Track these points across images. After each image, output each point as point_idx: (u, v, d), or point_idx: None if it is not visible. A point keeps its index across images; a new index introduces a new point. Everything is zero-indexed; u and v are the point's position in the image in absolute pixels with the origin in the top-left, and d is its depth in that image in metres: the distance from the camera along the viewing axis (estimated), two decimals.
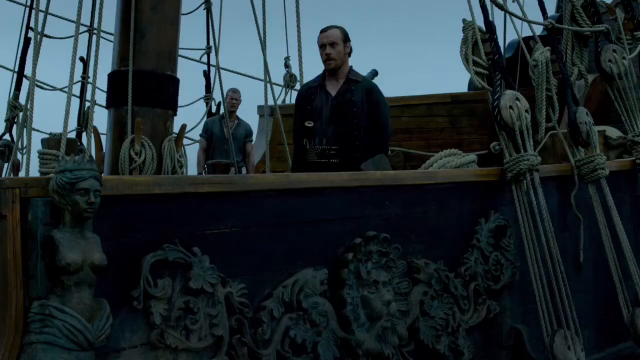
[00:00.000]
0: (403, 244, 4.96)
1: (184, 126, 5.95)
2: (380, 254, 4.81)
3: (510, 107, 5.66)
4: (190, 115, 10.36)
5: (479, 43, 5.89)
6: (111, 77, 5.62)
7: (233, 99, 10.79)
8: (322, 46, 6.26)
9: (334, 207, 4.72)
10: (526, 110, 5.74)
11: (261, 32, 7.00)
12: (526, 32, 7.09)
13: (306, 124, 6.27)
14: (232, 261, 4.15)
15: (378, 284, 4.76)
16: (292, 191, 4.51)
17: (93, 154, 5.87)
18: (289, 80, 11.16)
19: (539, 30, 7.05)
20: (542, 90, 6.27)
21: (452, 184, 5.47)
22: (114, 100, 5.56)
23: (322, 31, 6.31)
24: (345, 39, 6.29)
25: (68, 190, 3.46)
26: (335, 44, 6.23)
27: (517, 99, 5.73)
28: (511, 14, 6.34)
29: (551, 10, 9.54)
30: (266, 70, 6.96)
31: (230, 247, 4.18)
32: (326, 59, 6.25)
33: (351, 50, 6.36)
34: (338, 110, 6.23)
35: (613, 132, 7.67)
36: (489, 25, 5.94)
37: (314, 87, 6.36)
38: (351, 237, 4.71)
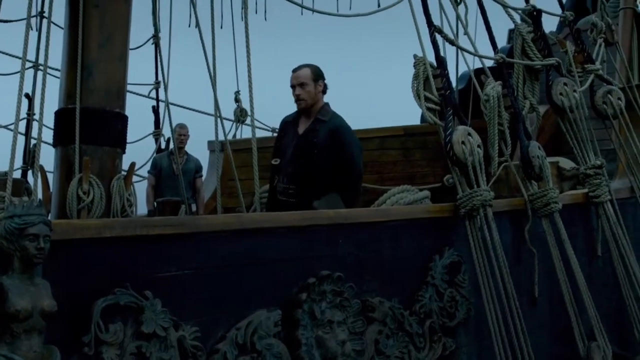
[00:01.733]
0: (357, 282, 5.00)
1: (133, 164, 5.97)
2: (335, 293, 4.85)
3: (463, 142, 5.78)
4: (139, 151, 10.36)
5: (430, 78, 6.01)
6: (58, 114, 5.62)
7: (181, 134, 10.78)
8: (292, 87, 6.48)
9: (286, 247, 4.76)
10: (478, 146, 5.86)
11: (211, 66, 7.05)
12: (478, 64, 7.25)
13: (272, 161, 6.60)
14: (185, 304, 4.17)
15: (332, 324, 4.79)
16: (245, 231, 4.55)
17: (40, 193, 5.86)
18: (240, 115, 11.25)
19: (490, 62, 7.19)
20: (494, 125, 6.39)
21: (406, 221, 5.54)
22: (61, 138, 5.55)
23: (293, 71, 6.52)
24: (317, 77, 6.47)
25: (17, 236, 3.48)
26: (304, 85, 6.45)
27: (469, 134, 5.84)
28: (462, 49, 6.48)
29: (502, 39, 9.74)
30: (216, 105, 7.00)
31: (182, 290, 4.20)
32: (296, 99, 6.49)
33: (325, 87, 6.55)
34: (299, 151, 6.45)
35: (566, 163, 7.82)
36: (440, 60, 6.07)
37: (288, 122, 6.65)
38: (305, 277, 4.75)
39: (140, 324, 3.93)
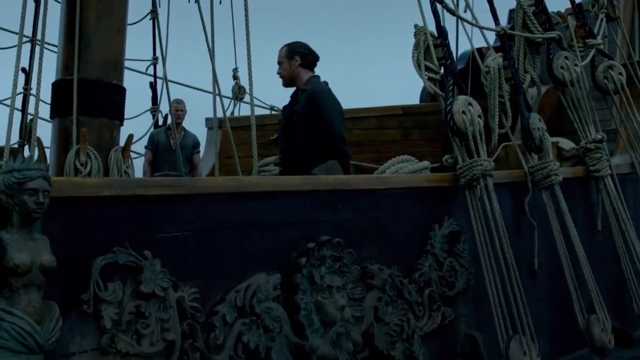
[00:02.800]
0: (357, 249, 5.02)
1: (130, 136, 5.96)
2: (334, 258, 4.88)
3: (463, 112, 5.79)
4: (136, 127, 10.36)
5: (431, 48, 6.01)
6: (55, 86, 5.62)
7: (178, 110, 10.75)
8: None
9: (286, 211, 4.77)
10: (479, 116, 5.87)
11: (209, 42, 7.05)
12: (478, 43, 7.26)
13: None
14: (184, 265, 4.18)
15: (332, 289, 4.82)
16: (243, 194, 4.57)
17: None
18: (238, 92, 11.25)
19: (491, 39, 7.19)
20: (494, 97, 6.40)
21: (406, 189, 5.56)
22: (59, 110, 5.55)
23: None
24: (291, 54, 6.81)
25: (16, 190, 3.48)
26: (280, 63, 6.88)
27: (470, 104, 5.86)
28: (463, 19, 6.48)
29: (503, 17, 9.74)
30: (215, 82, 7.01)
31: (182, 251, 4.21)
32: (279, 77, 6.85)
33: (305, 60, 6.83)
34: (285, 122, 6.84)
35: (566, 144, 7.82)
36: (441, 30, 6.07)
37: (289, 101, 6.95)
38: (304, 242, 4.77)
39: (139, 283, 3.94)
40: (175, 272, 4.09)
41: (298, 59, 6.79)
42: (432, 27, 6.09)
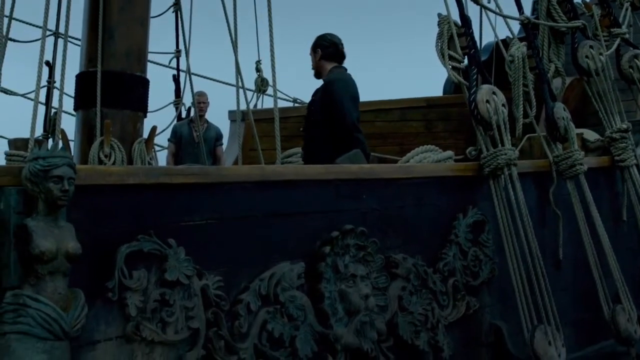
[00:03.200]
0: (380, 238, 5.02)
1: (154, 128, 5.99)
2: (358, 247, 4.88)
3: (487, 101, 5.77)
4: (159, 120, 10.37)
5: (454, 38, 5.99)
6: (79, 78, 5.66)
7: (200, 102, 10.73)
8: None
9: (310, 200, 4.78)
10: (503, 105, 5.86)
11: (232, 35, 7.05)
12: (502, 33, 7.24)
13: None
14: (208, 253, 4.20)
15: (356, 278, 4.82)
16: (268, 183, 4.58)
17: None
18: (261, 85, 11.26)
19: (515, 29, 7.16)
20: (518, 86, 6.38)
21: (430, 179, 5.55)
22: (82, 101, 5.60)
23: None
24: (314, 47, 6.97)
25: (41, 177, 3.50)
26: (310, 56, 7.01)
27: (494, 93, 5.84)
28: (487, 8, 6.47)
29: (527, 8, 9.69)
30: (238, 74, 7.01)
31: (206, 239, 4.23)
32: None
33: (323, 53, 6.94)
34: (307, 113, 7.03)
35: (591, 135, 7.80)
36: (465, 19, 6.06)
37: None
38: (328, 231, 4.77)
39: (163, 271, 3.96)
40: (200, 261, 4.11)
41: (319, 51, 6.92)
42: (455, 16, 6.08)
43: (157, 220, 4.02)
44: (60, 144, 5.42)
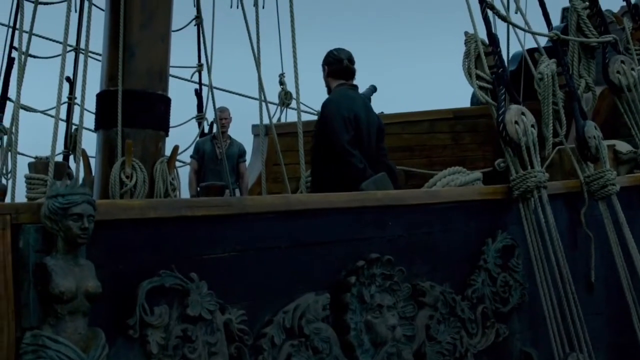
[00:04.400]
0: (407, 266, 4.99)
1: (176, 147, 5.98)
2: (384, 276, 4.85)
3: (516, 122, 5.72)
4: (181, 136, 10.37)
5: (482, 56, 5.95)
6: (100, 97, 5.65)
7: (222, 118, 10.71)
8: None
9: (334, 229, 4.75)
10: (532, 126, 5.80)
11: (255, 48, 7.04)
12: (530, 44, 7.18)
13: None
14: (231, 287, 4.18)
15: (382, 308, 4.79)
16: (291, 213, 4.55)
17: (82, 177, 5.90)
18: (284, 98, 11.23)
19: (543, 41, 7.11)
20: (548, 104, 6.32)
21: (457, 203, 5.51)
22: (103, 121, 5.59)
23: None
24: (323, 65, 6.71)
25: (60, 215, 3.50)
26: None
27: (523, 113, 5.79)
28: (514, 25, 6.42)
29: (556, 20, 9.63)
30: (261, 88, 7.00)
31: (229, 272, 4.21)
32: None
33: (329, 70, 6.68)
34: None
35: (623, 147, 7.71)
36: (492, 37, 6.02)
37: None
38: (353, 260, 4.75)
39: (185, 306, 3.95)
40: (222, 294, 4.09)
41: (326, 68, 6.68)
42: (482, 34, 6.03)
43: (178, 254, 4.01)
44: (81, 171, 5.40)
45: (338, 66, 6.60)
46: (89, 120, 5.93)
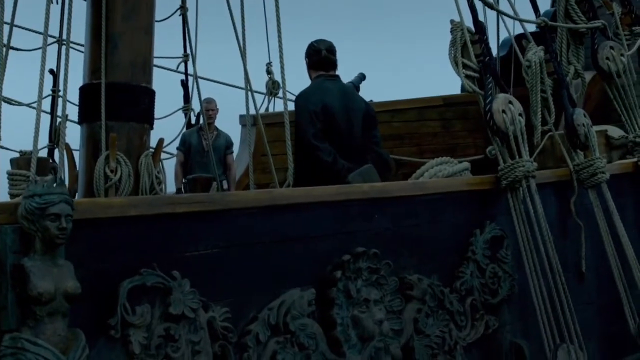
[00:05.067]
0: (394, 259, 4.97)
1: (161, 140, 5.94)
2: (371, 270, 4.83)
3: (503, 111, 5.70)
4: (168, 127, 10.32)
5: (468, 45, 5.91)
6: (83, 90, 5.61)
7: (208, 109, 10.63)
8: None
9: (319, 223, 4.73)
10: (520, 114, 5.78)
11: (240, 37, 6.99)
12: (519, 29, 7.14)
13: None
14: (214, 284, 4.16)
15: (369, 303, 4.77)
16: (275, 208, 4.53)
17: (66, 172, 5.86)
18: (272, 88, 11.17)
19: (532, 27, 7.08)
20: (536, 92, 6.30)
21: (444, 194, 5.49)
22: (87, 115, 5.54)
23: None
24: (305, 57, 6.71)
25: (38, 215, 3.46)
26: None
27: (510, 102, 5.77)
28: (502, 12, 6.38)
29: (545, 5, 9.59)
30: (246, 78, 6.95)
31: (212, 269, 4.19)
32: None
33: (309, 62, 6.67)
34: None
35: (615, 132, 7.70)
36: (479, 25, 5.98)
37: None
38: (339, 254, 4.73)
39: (168, 305, 3.92)
40: (206, 292, 4.07)
41: (307, 61, 6.67)
42: (469, 22, 5.98)
43: (160, 252, 3.99)
44: (58, 179, 5.35)
45: (317, 57, 6.55)
46: (74, 113, 5.89)
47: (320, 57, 6.54)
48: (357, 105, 6.55)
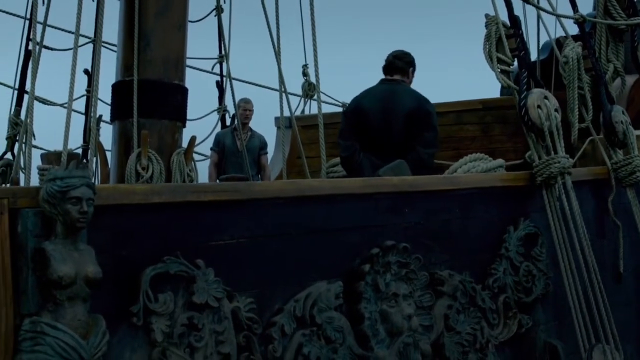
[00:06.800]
0: (424, 254, 4.93)
1: (193, 138, 5.95)
2: (400, 264, 4.78)
3: (539, 106, 5.64)
4: (203, 128, 10.35)
5: (503, 39, 5.86)
6: (115, 87, 5.64)
7: (246, 109, 10.72)
8: None
9: (348, 215, 4.69)
10: (556, 110, 5.72)
11: (275, 38, 6.99)
12: (561, 32, 7.07)
13: None
14: (239, 274, 4.13)
15: (398, 297, 4.72)
16: (303, 199, 4.50)
17: (98, 170, 5.89)
18: (308, 90, 11.18)
19: (574, 30, 7.01)
20: (573, 89, 6.25)
21: (477, 190, 5.44)
22: (119, 112, 5.58)
23: None
24: None
25: (59, 199, 3.46)
26: None
27: (546, 97, 5.71)
28: (537, 7, 6.33)
29: (588, 8, 9.50)
30: (281, 79, 6.95)
31: (237, 259, 4.16)
32: None
33: None
34: None
35: None
36: (514, 19, 5.93)
37: None
38: (367, 248, 4.68)
39: (191, 294, 3.90)
40: (230, 282, 4.04)
41: None
42: (504, 16, 5.94)
43: (184, 241, 3.97)
44: (81, 164, 5.37)
45: (384, 63, 6.99)
46: (108, 114, 5.92)
47: (386, 62, 6.98)
48: (399, 107, 6.71)
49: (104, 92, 5.66)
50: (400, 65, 6.92)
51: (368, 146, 6.58)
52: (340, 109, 11.60)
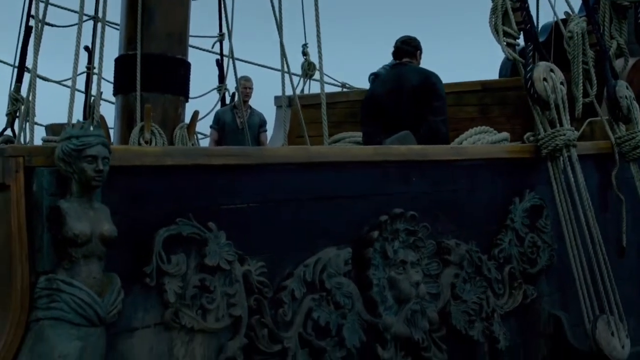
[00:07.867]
0: (432, 223, 4.96)
1: (196, 113, 5.96)
2: (408, 232, 4.81)
3: (544, 79, 5.67)
4: (202, 107, 10.30)
5: (509, 12, 5.88)
6: (118, 61, 5.64)
7: (246, 87, 10.72)
8: None
9: (357, 183, 4.72)
10: (561, 83, 5.75)
11: (277, 17, 6.99)
12: (561, 13, 7.09)
13: None
14: (250, 238, 4.15)
15: (406, 265, 4.75)
16: (312, 165, 4.52)
17: None
18: (307, 69, 11.18)
19: (576, 6, 7.03)
20: (578, 63, 6.28)
21: (484, 161, 5.47)
22: (122, 86, 5.58)
23: None
24: None
25: (74, 157, 3.47)
26: None
27: (552, 70, 5.74)
28: None
29: None
30: (283, 58, 6.94)
31: (248, 223, 4.18)
32: None
33: None
34: None
35: None
36: None
37: None
38: (376, 215, 4.71)
39: (203, 256, 3.92)
40: (241, 245, 4.06)
41: None
42: None
43: (196, 203, 3.98)
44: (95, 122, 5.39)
45: (393, 49, 7.35)
46: (108, 92, 5.92)
47: (394, 48, 7.33)
48: (406, 85, 6.91)
49: (105, 69, 5.65)
50: (407, 49, 7.24)
51: (385, 129, 6.66)
52: (339, 89, 11.63)
